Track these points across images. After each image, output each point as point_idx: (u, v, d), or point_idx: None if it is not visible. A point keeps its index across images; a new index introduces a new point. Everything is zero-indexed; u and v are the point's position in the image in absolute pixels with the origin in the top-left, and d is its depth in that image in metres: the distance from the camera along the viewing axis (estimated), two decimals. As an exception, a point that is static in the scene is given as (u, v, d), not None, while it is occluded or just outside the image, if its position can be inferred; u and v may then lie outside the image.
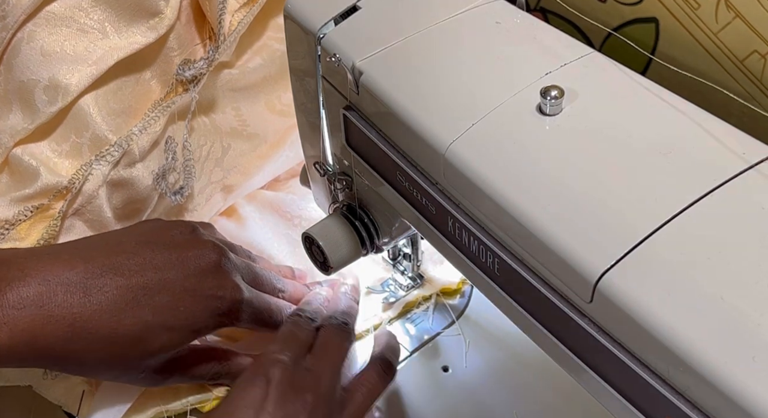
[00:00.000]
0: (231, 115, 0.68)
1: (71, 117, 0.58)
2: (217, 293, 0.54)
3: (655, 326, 0.34)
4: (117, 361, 0.53)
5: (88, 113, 0.58)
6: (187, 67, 0.61)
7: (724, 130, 0.39)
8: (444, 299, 0.68)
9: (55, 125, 0.58)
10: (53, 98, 0.56)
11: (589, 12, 0.51)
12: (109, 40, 0.58)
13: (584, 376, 0.40)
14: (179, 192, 0.65)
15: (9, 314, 0.47)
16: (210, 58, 0.62)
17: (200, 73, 0.62)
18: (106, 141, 0.58)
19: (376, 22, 0.49)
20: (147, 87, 0.61)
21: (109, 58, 0.57)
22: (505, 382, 0.62)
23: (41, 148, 0.58)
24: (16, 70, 0.57)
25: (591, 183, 0.38)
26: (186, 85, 0.62)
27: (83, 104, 0.57)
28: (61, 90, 0.56)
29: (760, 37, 0.44)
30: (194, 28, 0.63)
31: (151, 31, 0.58)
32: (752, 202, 0.36)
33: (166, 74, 0.62)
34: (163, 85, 0.62)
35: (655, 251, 0.35)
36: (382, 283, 0.69)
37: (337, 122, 0.51)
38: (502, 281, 0.43)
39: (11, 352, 0.48)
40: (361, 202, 0.57)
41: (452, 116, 0.43)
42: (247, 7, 0.63)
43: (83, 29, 0.57)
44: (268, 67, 0.69)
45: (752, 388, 0.31)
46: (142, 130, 0.60)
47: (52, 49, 0.56)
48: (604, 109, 0.42)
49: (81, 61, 0.56)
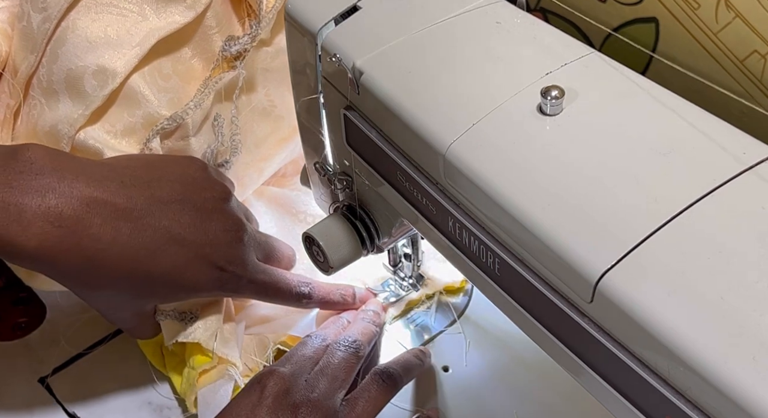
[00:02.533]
0: (262, 95, 0.69)
1: (122, 98, 0.59)
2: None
3: (655, 326, 0.34)
4: (135, 297, 0.57)
5: (138, 92, 0.59)
6: (232, 43, 0.63)
7: (724, 130, 0.39)
8: (447, 296, 0.68)
9: (106, 108, 0.60)
10: (103, 82, 0.58)
11: (589, 12, 0.51)
12: (148, 21, 0.59)
13: (584, 376, 0.40)
14: (223, 165, 0.66)
15: (44, 227, 0.49)
16: (253, 34, 0.63)
17: (245, 49, 0.63)
18: (159, 117, 0.60)
19: (376, 22, 0.49)
20: (188, 65, 0.63)
21: (150, 38, 0.59)
22: (505, 382, 0.62)
23: (96, 132, 0.59)
24: (63, 60, 0.58)
25: (591, 183, 0.38)
26: (231, 61, 0.64)
27: (133, 84, 0.59)
28: (110, 73, 0.58)
29: (760, 37, 0.44)
30: (231, 7, 0.64)
31: (189, 10, 0.60)
32: (752, 203, 0.36)
33: (206, 52, 0.63)
34: (205, 62, 0.63)
35: (655, 251, 0.35)
36: (382, 283, 0.69)
37: (337, 122, 0.51)
38: (502, 281, 0.43)
39: (36, 262, 0.51)
40: (361, 202, 0.57)
41: (452, 116, 0.43)
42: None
43: (123, 13, 0.59)
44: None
45: (752, 388, 0.31)
46: (196, 106, 0.62)
47: (97, 35, 0.58)
48: (604, 109, 0.42)
49: (125, 44, 0.58)
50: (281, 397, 0.52)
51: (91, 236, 0.51)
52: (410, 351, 0.62)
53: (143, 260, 0.53)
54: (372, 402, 0.56)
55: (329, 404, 0.54)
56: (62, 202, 0.50)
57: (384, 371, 0.58)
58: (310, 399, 0.53)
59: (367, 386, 0.57)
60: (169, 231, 0.54)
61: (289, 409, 0.52)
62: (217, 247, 0.56)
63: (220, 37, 0.63)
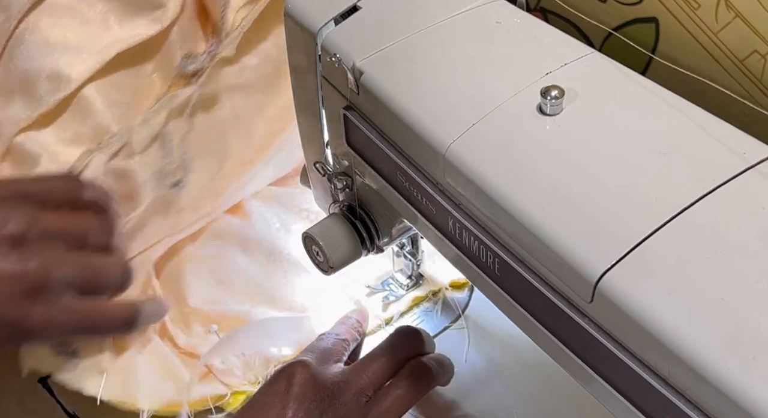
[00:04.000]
0: (228, 113, 0.68)
1: (75, 106, 0.58)
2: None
3: (655, 326, 0.34)
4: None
5: (91, 103, 0.58)
6: (190, 61, 0.62)
7: (724, 130, 0.39)
8: (452, 291, 0.68)
9: (59, 113, 0.58)
10: (56, 87, 0.56)
11: (589, 12, 0.51)
12: (112, 31, 0.58)
13: (584, 376, 0.40)
14: (177, 184, 0.65)
15: None
16: (212, 52, 0.62)
17: (202, 66, 0.62)
18: (107, 131, 0.59)
19: (376, 22, 0.49)
20: (149, 80, 0.62)
21: (111, 49, 0.57)
22: (505, 382, 0.62)
23: (45, 136, 0.58)
24: (20, 60, 0.57)
25: (591, 183, 0.38)
26: (188, 78, 0.62)
27: (86, 93, 0.58)
28: (64, 79, 0.56)
29: (760, 37, 0.44)
30: (197, 24, 0.63)
31: (154, 24, 0.59)
32: (752, 202, 0.36)
33: (168, 68, 0.62)
34: (165, 78, 0.62)
35: (655, 251, 0.35)
36: (382, 282, 0.70)
37: (337, 122, 0.51)
38: (502, 281, 0.43)
39: None
40: (361, 202, 0.57)
41: (452, 116, 0.43)
42: (251, 5, 0.63)
43: (86, 20, 0.58)
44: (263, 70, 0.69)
45: (752, 388, 0.31)
46: (144, 123, 0.60)
47: (56, 39, 0.57)
48: (604, 109, 0.42)
49: (84, 51, 0.57)
50: (308, 384, 0.52)
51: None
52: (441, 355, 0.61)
53: None
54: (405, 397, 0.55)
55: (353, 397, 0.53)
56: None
57: (420, 365, 0.57)
58: (333, 391, 0.53)
59: (401, 379, 0.56)
60: None
61: (317, 396, 0.52)
62: None
63: (183, 53, 0.62)
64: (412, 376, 0.56)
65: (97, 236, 0.43)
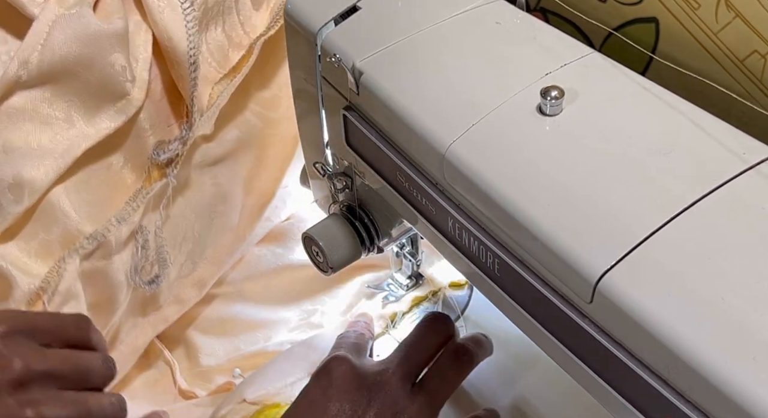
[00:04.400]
0: (210, 192, 0.66)
1: (40, 213, 0.54)
2: None
3: (655, 326, 0.34)
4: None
5: (58, 208, 0.54)
6: (162, 150, 0.58)
7: (724, 130, 0.39)
8: (452, 290, 0.69)
9: (22, 224, 0.54)
10: (19, 197, 0.52)
11: (589, 12, 0.51)
12: (75, 128, 0.54)
13: (584, 376, 0.40)
14: (154, 281, 0.63)
15: None
16: (184, 138, 0.58)
17: (176, 154, 0.59)
18: (79, 234, 0.55)
19: (376, 22, 0.49)
20: (120, 174, 0.58)
21: (76, 148, 0.53)
22: (505, 382, 0.62)
23: (9, 249, 0.53)
24: None
25: (591, 183, 0.38)
26: (162, 168, 0.59)
27: (53, 198, 0.54)
28: (27, 187, 0.52)
29: (760, 37, 0.44)
30: (168, 106, 0.59)
31: (119, 115, 0.55)
32: (752, 203, 0.36)
33: (140, 156, 0.58)
34: (137, 168, 0.59)
35: (655, 251, 0.35)
36: (382, 282, 0.70)
37: (337, 122, 0.51)
38: (502, 281, 0.43)
39: None
40: (361, 203, 0.57)
41: (452, 116, 0.43)
42: (229, 78, 0.60)
43: (47, 121, 0.53)
44: (245, 141, 0.67)
45: (752, 388, 0.31)
46: (121, 221, 0.57)
47: (16, 145, 0.52)
48: (604, 109, 0.42)
49: (47, 154, 0.52)
50: (349, 375, 0.52)
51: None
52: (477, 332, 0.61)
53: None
54: (449, 380, 0.55)
55: (398, 386, 0.53)
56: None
57: (459, 347, 0.57)
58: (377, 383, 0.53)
59: (442, 362, 0.56)
60: None
61: (361, 386, 0.52)
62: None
63: (155, 139, 0.58)
64: (454, 357, 0.56)
65: (99, 374, 0.46)
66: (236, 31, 0.60)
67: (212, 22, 0.58)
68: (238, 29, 0.61)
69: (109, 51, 0.52)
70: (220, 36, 0.59)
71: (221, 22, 0.59)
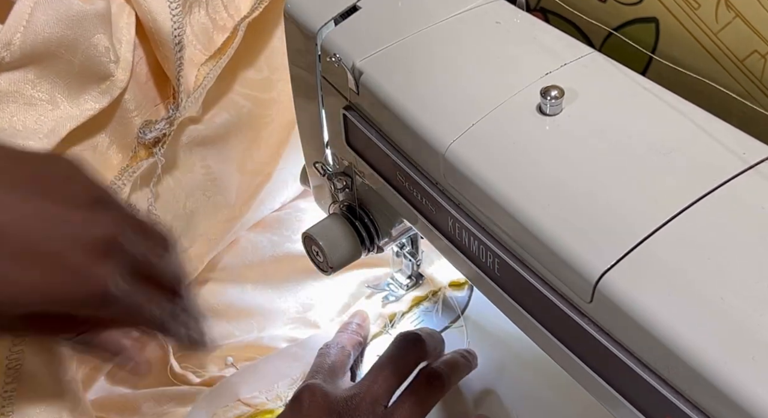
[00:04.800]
0: (200, 173, 0.65)
1: None
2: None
3: (655, 326, 0.34)
4: None
5: None
6: (148, 129, 0.58)
7: (724, 130, 0.39)
8: (452, 290, 0.69)
9: None
10: None
11: (589, 12, 0.51)
12: (60, 109, 0.54)
13: (584, 376, 0.40)
14: None
15: None
16: (171, 118, 0.58)
17: (162, 134, 0.59)
18: None
19: (376, 22, 0.49)
20: (105, 155, 0.58)
21: (61, 128, 0.53)
22: (505, 382, 0.62)
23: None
24: None
25: (591, 183, 0.38)
26: (149, 148, 0.59)
27: None
28: None
29: (760, 37, 0.44)
30: (154, 86, 0.59)
31: (104, 96, 0.55)
32: (752, 203, 0.36)
33: (126, 137, 0.58)
34: (124, 148, 0.59)
35: (655, 251, 0.35)
36: (382, 282, 0.70)
37: (337, 122, 0.51)
38: (502, 281, 0.43)
39: None
40: (361, 203, 0.57)
41: (452, 116, 0.43)
42: (214, 60, 0.60)
43: (31, 102, 0.53)
44: (235, 124, 0.67)
45: (752, 388, 0.31)
46: None
47: (1, 126, 0.52)
48: (604, 109, 0.42)
49: (31, 135, 0.52)
50: (320, 405, 0.53)
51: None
52: (457, 351, 0.61)
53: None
54: (420, 404, 0.55)
55: (368, 408, 0.54)
56: None
57: (431, 371, 0.57)
58: (351, 399, 0.53)
59: (413, 387, 0.56)
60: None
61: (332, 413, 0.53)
62: (75, 252, 0.47)
63: (140, 120, 0.58)
64: (426, 382, 0.56)
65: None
66: (220, 13, 0.61)
67: (195, 4, 0.59)
68: (222, 11, 0.61)
69: (92, 32, 0.53)
70: (203, 18, 0.60)
71: (204, 4, 0.60)
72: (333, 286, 0.71)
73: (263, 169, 0.70)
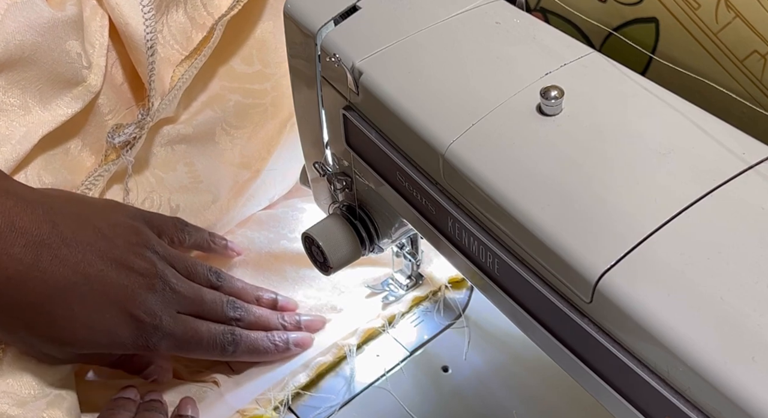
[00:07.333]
0: (182, 172, 0.65)
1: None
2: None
3: (655, 326, 0.34)
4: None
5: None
6: (117, 133, 0.58)
7: (724, 130, 0.39)
8: (452, 290, 0.68)
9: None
10: None
11: (589, 12, 0.51)
12: (31, 115, 0.54)
13: (584, 376, 0.40)
14: None
15: None
16: (141, 123, 0.58)
17: (133, 138, 0.58)
18: None
19: (376, 22, 0.49)
20: (78, 158, 0.58)
21: (33, 134, 0.54)
22: (505, 382, 0.62)
23: None
24: None
25: (591, 183, 0.38)
26: (118, 151, 0.59)
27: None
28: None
29: (760, 37, 0.44)
30: (129, 89, 0.59)
31: (76, 101, 0.55)
32: (752, 203, 0.36)
33: (99, 140, 0.58)
34: (96, 152, 0.59)
35: (655, 251, 0.35)
36: (382, 282, 0.69)
37: (336, 122, 0.51)
38: (502, 281, 0.43)
39: None
40: (361, 203, 0.57)
41: (452, 116, 0.43)
42: (190, 60, 0.59)
43: (2, 108, 0.53)
44: (223, 119, 0.66)
45: (752, 388, 0.31)
46: None
47: None
48: (604, 109, 0.42)
49: (4, 141, 0.53)
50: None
51: (13, 256, 0.48)
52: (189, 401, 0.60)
53: (56, 294, 0.50)
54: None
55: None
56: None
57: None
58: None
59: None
60: (84, 270, 0.51)
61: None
62: (132, 295, 0.53)
63: (115, 122, 0.58)
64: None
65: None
66: (199, 11, 0.60)
67: (173, 3, 0.58)
68: (201, 10, 0.60)
69: (64, 38, 0.53)
70: (182, 18, 0.60)
71: (183, 3, 0.59)
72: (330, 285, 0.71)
73: (252, 164, 0.70)
